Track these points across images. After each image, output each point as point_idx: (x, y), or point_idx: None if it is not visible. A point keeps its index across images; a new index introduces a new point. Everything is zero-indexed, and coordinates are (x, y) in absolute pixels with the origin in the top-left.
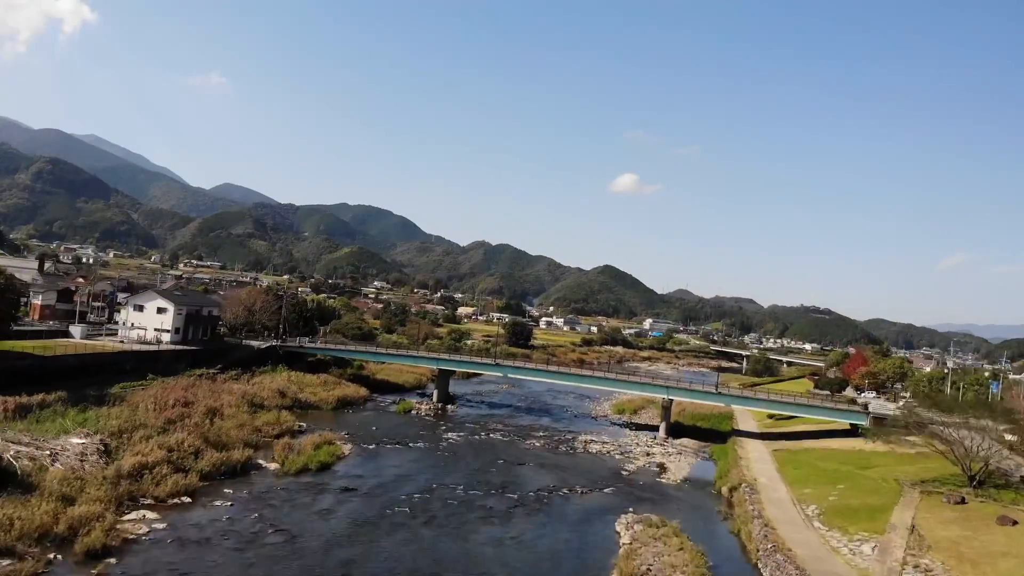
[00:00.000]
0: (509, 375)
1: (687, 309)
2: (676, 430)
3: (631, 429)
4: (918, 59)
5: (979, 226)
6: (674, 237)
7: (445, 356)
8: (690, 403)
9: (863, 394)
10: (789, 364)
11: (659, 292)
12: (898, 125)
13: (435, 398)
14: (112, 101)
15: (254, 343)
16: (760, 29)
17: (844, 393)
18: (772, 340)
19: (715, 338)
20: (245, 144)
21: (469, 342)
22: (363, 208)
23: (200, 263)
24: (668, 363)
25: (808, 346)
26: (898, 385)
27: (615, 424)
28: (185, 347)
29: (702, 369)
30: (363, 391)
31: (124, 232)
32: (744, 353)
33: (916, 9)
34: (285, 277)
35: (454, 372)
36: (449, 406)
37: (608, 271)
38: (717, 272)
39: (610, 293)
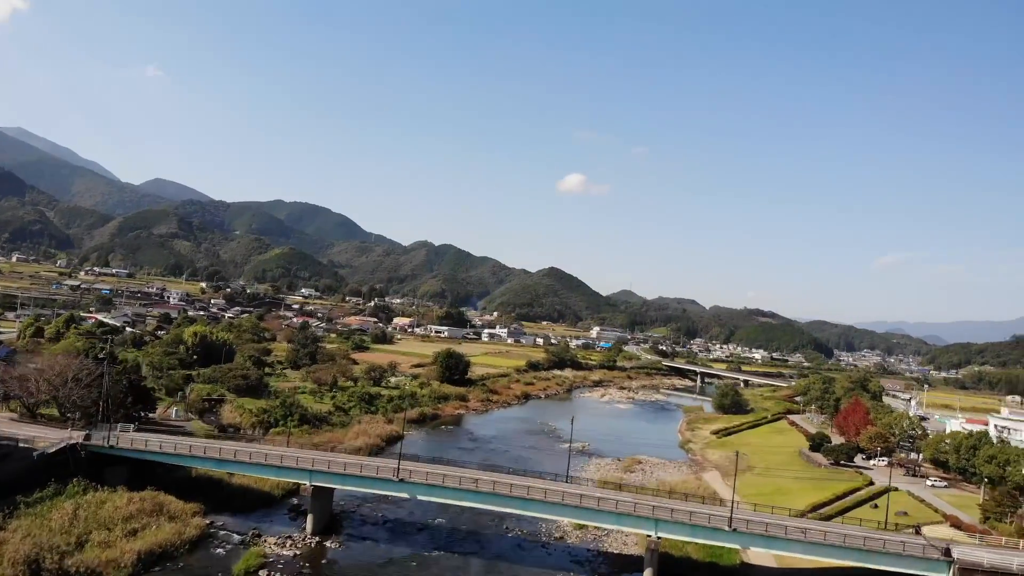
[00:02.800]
0: (420, 497)
1: (632, 313)
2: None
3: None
4: (857, 62)
5: (911, 228)
6: (620, 238)
7: (322, 467)
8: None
9: (874, 461)
10: (747, 383)
11: (604, 294)
12: (836, 127)
13: (309, 527)
14: (42, 93)
15: (43, 439)
16: (706, 33)
17: (865, 470)
18: (719, 345)
19: (664, 348)
20: (180, 138)
21: (393, 380)
22: (299, 205)
23: (103, 270)
24: (621, 388)
25: (758, 355)
26: (910, 449)
27: (577, 560)
28: None
29: (659, 398)
30: (197, 521)
31: (37, 232)
32: (698, 369)
33: (850, 10)
34: (201, 284)
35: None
36: (329, 543)
37: (553, 273)
38: (660, 273)
39: (555, 297)
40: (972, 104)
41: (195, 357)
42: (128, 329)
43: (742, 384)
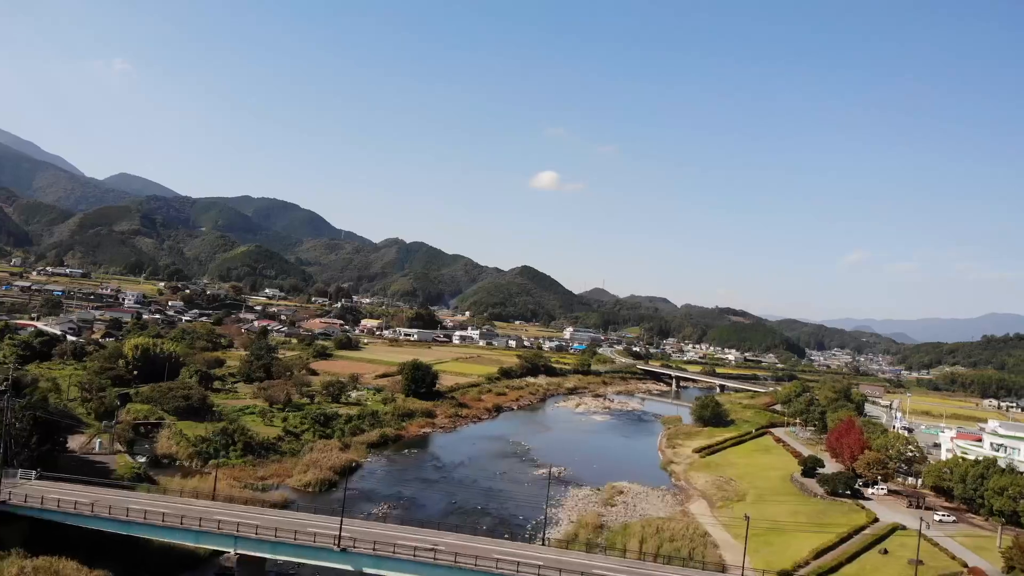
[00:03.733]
0: (367, 571)
1: (605, 312)
2: None
3: None
4: (824, 62)
5: (876, 226)
6: (593, 236)
7: (249, 532)
8: (655, 522)
9: (874, 491)
10: (723, 389)
11: (576, 293)
12: (805, 127)
13: None
14: (3, 85)
15: None
16: (673, 33)
17: (864, 500)
18: (692, 345)
19: (637, 350)
20: (148, 133)
21: (354, 395)
22: (267, 201)
23: (56, 270)
24: (596, 395)
25: (731, 356)
26: (907, 473)
27: None
28: None
29: (635, 406)
30: None
31: None
32: (673, 373)
33: (815, 11)
34: (160, 284)
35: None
36: None
37: (526, 272)
38: (632, 271)
39: (528, 296)
40: (939, 108)
41: (135, 373)
42: (70, 338)
43: (718, 389)
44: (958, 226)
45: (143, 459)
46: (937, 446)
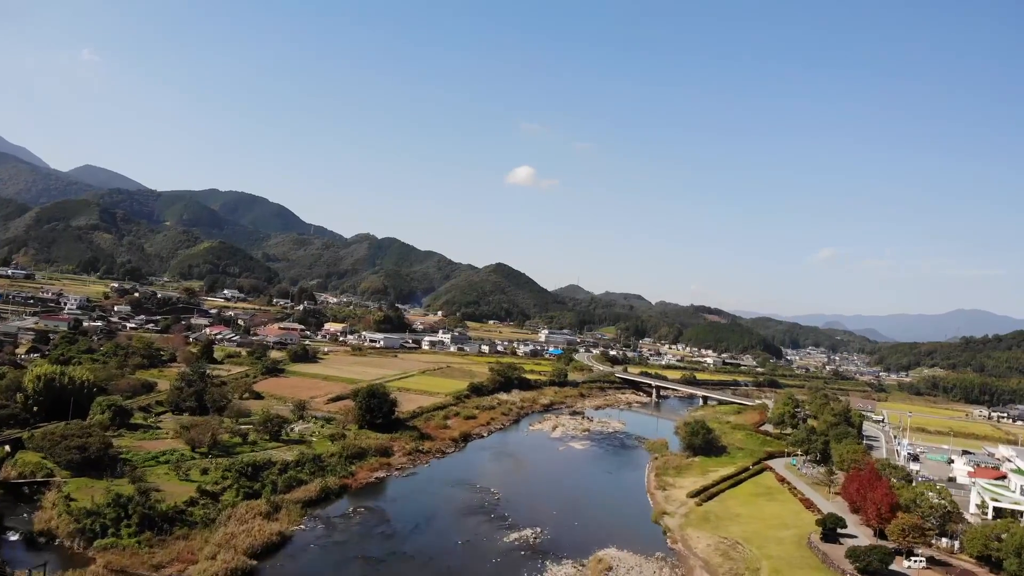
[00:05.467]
0: None
1: (581, 312)
2: None
3: None
4: (794, 59)
5: (846, 223)
6: (568, 232)
7: None
8: None
9: (911, 563)
10: (707, 400)
11: (551, 290)
12: (777, 124)
13: None
14: None
15: None
16: (649, 30)
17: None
18: (668, 346)
19: (614, 353)
20: (115, 124)
21: (298, 429)
22: (235, 195)
23: None
24: (574, 413)
25: (710, 359)
26: (940, 531)
27: None
28: None
29: (616, 426)
30: None
31: None
32: (653, 383)
33: (786, 9)
34: (106, 289)
35: None
36: None
37: (501, 270)
38: (607, 267)
39: (502, 295)
40: (910, 105)
41: (35, 409)
42: None
43: (701, 401)
44: (928, 223)
45: (16, 537)
46: (952, 480)
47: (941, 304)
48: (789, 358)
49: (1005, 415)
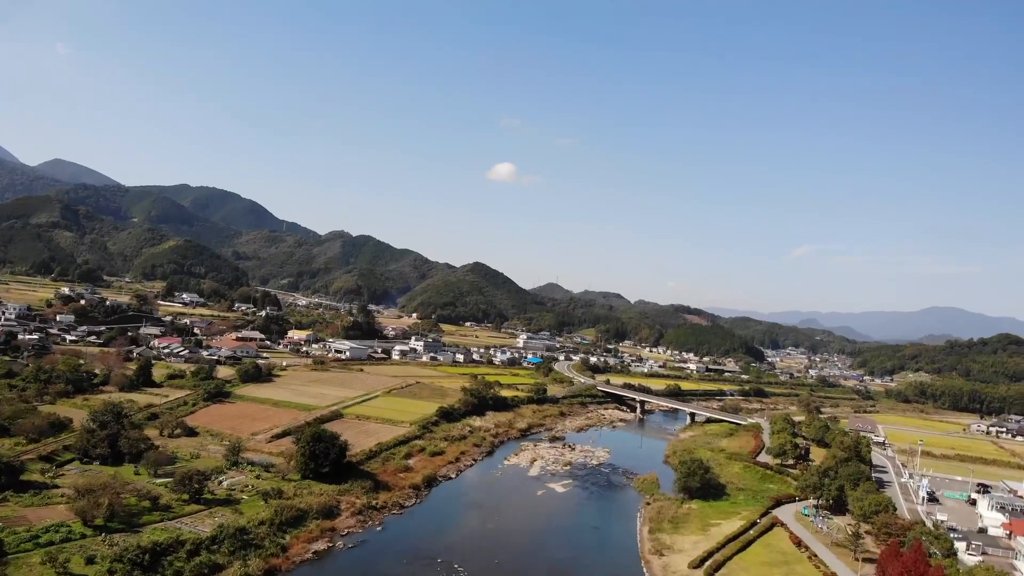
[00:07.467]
0: None
1: (560, 312)
2: None
3: None
4: (777, 56)
5: (823, 219)
6: (547, 229)
7: None
8: None
9: None
10: (694, 418)
11: (529, 289)
12: (755, 120)
13: None
14: None
15: None
16: (631, 26)
17: None
18: (649, 349)
19: (595, 360)
20: (87, 118)
21: (226, 483)
22: (207, 191)
23: None
24: (554, 439)
25: (692, 365)
26: None
27: None
28: None
29: (601, 457)
30: None
31: None
32: (637, 397)
33: (759, 5)
34: (64, 291)
35: None
36: None
37: (479, 269)
38: (586, 265)
39: (480, 295)
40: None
41: None
42: None
43: (688, 419)
44: (904, 220)
45: None
46: (983, 532)
47: (916, 301)
48: (770, 360)
49: (1004, 430)
